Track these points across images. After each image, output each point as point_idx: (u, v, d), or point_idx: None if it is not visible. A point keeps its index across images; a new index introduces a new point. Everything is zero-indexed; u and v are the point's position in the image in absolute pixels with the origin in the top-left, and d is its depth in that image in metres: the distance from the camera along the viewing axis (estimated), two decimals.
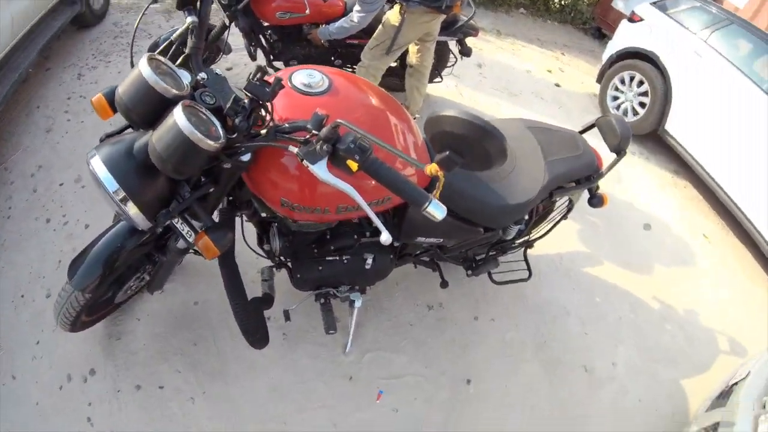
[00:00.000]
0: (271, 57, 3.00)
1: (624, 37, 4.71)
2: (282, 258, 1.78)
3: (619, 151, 2.08)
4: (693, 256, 3.52)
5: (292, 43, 2.91)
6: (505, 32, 5.80)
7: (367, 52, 2.87)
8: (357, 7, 2.68)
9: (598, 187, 2.24)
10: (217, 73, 1.28)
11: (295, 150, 1.14)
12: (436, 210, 1.13)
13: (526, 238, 2.36)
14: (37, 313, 1.99)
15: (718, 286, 3.32)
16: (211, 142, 1.10)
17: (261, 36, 2.91)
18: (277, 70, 3.04)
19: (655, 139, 4.52)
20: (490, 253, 2.26)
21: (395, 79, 3.36)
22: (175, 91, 1.15)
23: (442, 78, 3.67)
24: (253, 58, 3.04)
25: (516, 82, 4.71)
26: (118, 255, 1.44)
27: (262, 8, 2.68)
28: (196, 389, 1.86)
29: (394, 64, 3.10)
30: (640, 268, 3.18)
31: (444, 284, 2.26)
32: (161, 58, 1.21)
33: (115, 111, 1.23)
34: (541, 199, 1.97)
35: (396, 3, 2.76)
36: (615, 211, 3.54)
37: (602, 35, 6.74)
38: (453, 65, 3.68)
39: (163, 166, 1.13)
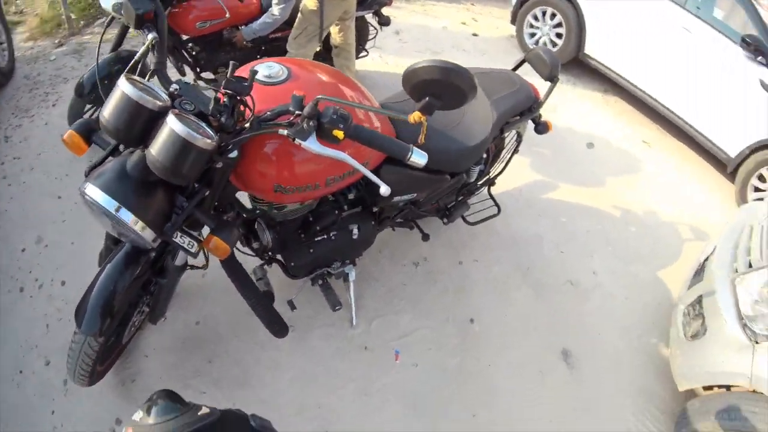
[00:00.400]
0: (198, 69, 2.98)
1: None
2: (271, 253, 1.84)
3: (552, 78, 2.24)
4: (638, 162, 3.82)
5: (216, 51, 2.88)
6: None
7: (291, 42, 2.89)
8: (275, 1, 2.71)
9: (540, 116, 2.40)
10: (186, 82, 1.32)
11: (284, 132, 1.22)
12: (419, 157, 1.25)
13: (487, 177, 2.52)
14: (41, 383, 1.95)
15: (668, 183, 3.65)
16: (208, 141, 1.17)
17: (183, 51, 2.89)
18: (208, 81, 3.04)
19: (578, 64, 4.77)
20: (459, 198, 2.40)
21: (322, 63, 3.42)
22: (159, 104, 1.21)
23: (367, 52, 3.74)
24: (183, 73, 3.01)
25: (435, 40, 4.84)
26: (120, 288, 1.45)
27: (180, 22, 2.65)
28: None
29: (318, 49, 3.14)
30: (594, 183, 3.42)
31: (425, 237, 2.39)
32: (136, 77, 1.24)
33: (89, 144, 1.25)
34: (493, 136, 2.11)
35: None
36: (557, 137, 3.74)
37: None
38: (374, 37, 3.75)
39: (167, 174, 1.18)
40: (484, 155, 2.27)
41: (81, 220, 2.46)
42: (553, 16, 4.65)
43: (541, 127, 2.37)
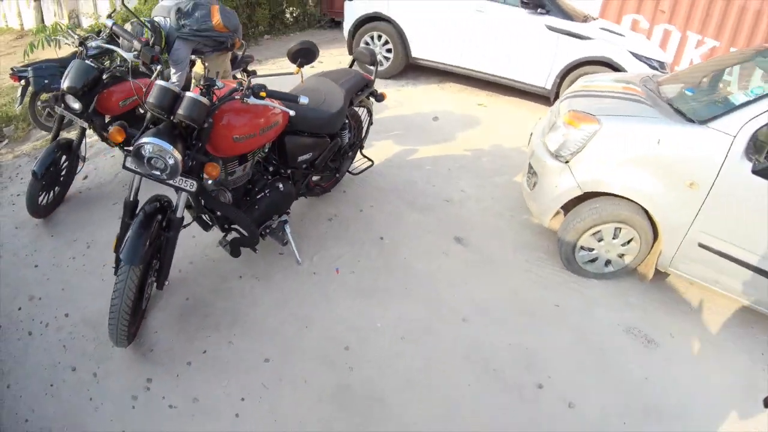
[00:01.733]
0: (121, 145, 3.56)
1: (351, 13, 6.09)
2: (227, 225, 2.56)
3: (374, 63, 3.28)
4: (478, 119, 5.08)
5: (134, 124, 3.49)
6: (262, 58, 6.89)
7: None
8: (172, 71, 3.45)
9: (376, 91, 3.42)
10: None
11: (237, 97, 2.09)
12: (303, 100, 2.16)
13: (356, 141, 3.47)
14: (73, 385, 2.22)
15: (506, 123, 4.97)
16: (206, 99, 2.00)
17: (105, 130, 3.40)
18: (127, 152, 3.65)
19: (412, 68, 6.07)
20: (342, 158, 3.31)
21: None
22: (180, 89, 2.02)
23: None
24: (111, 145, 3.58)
25: (292, 85, 5.84)
26: (145, 236, 2.03)
27: (106, 104, 3.18)
28: (227, 338, 2.46)
29: None
30: (445, 141, 4.57)
31: (315, 194, 3.30)
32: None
33: (127, 134, 2.08)
34: (347, 105, 3.03)
35: (197, 57, 3.64)
36: (408, 120, 4.89)
37: (337, 23, 8.30)
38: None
39: (194, 121, 1.98)
40: (347, 126, 3.21)
41: (64, 273, 2.83)
42: (380, 37, 5.89)
43: (378, 97, 3.43)
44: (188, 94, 1.99)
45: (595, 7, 6.61)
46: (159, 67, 2.67)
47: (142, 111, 3.53)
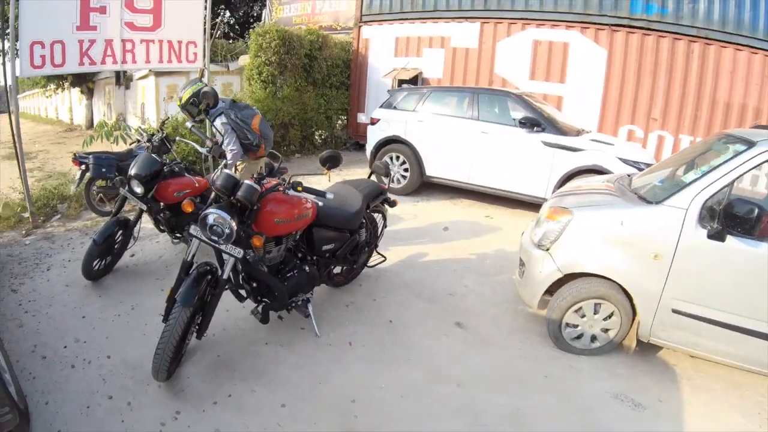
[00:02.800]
0: (169, 229, 4.22)
1: (373, 136, 7.19)
2: (260, 297, 3.09)
3: (388, 175, 4.01)
4: (484, 228, 5.69)
5: (180, 214, 4.09)
6: (294, 174, 7.89)
7: None
8: (228, 147, 4.29)
9: (389, 198, 4.09)
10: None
11: (281, 189, 2.74)
12: (329, 195, 2.81)
13: (371, 240, 4.06)
14: (109, 409, 2.60)
15: (507, 232, 5.52)
16: (258, 188, 2.65)
17: (159, 215, 4.08)
18: (175, 239, 4.33)
19: (426, 186, 6.90)
20: (362, 253, 3.87)
21: None
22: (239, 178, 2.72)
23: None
24: (160, 230, 4.29)
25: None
26: (196, 291, 2.58)
27: (163, 193, 3.96)
28: (251, 388, 2.84)
29: None
30: (453, 247, 5.13)
31: (336, 284, 3.86)
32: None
33: (195, 207, 2.71)
34: (365, 208, 3.67)
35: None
36: (421, 229, 5.54)
37: (361, 146, 9.48)
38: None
39: (248, 202, 2.63)
40: (364, 225, 3.83)
41: (108, 326, 3.37)
42: (398, 157, 6.81)
43: (391, 203, 4.09)
44: (246, 181, 2.68)
45: (592, 121, 7.53)
46: (224, 161, 3.63)
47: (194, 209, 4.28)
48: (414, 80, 9.27)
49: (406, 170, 6.86)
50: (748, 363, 2.89)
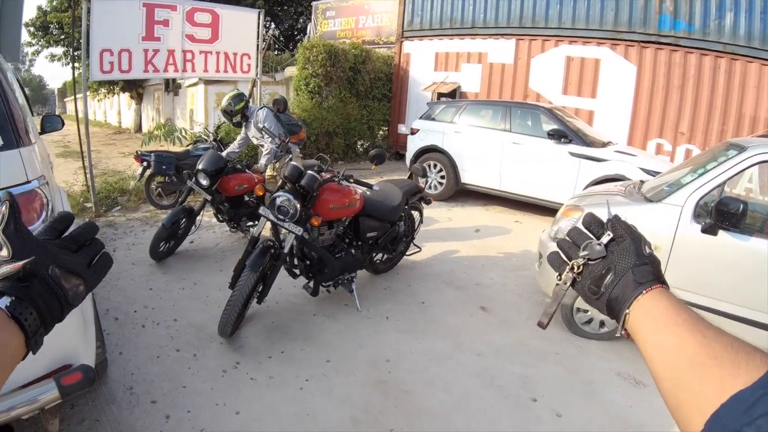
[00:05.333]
0: (230, 221, 4.91)
1: (413, 145, 7.76)
2: (311, 274, 3.63)
3: (425, 176, 4.56)
4: (513, 232, 6.10)
5: (240, 207, 4.83)
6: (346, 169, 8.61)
7: None
8: (267, 139, 4.98)
9: (426, 196, 4.59)
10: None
11: (336, 179, 3.31)
12: (376, 187, 3.38)
13: (409, 233, 4.56)
14: (176, 359, 3.08)
15: (534, 236, 5.89)
16: (318, 175, 3.21)
17: (221, 205, 4.72)
18: (233, 227, 4.97)
19: (461, 193, 7.43)
20: (400, 243, 4.39)
21: None
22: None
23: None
24: (219, 219, 4.95)
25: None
26: (262, 260, 3.14)
27: (226, 186, 4.59)
28: (300, 349, 3.38)
29: None
30: (483, 245, 5.58)
31: (376, 271, 4.35)
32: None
33: (265, 191, 3.58)
34: (404, 202, 4.19)
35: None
36: (453, 230, 6.00)
37: (401, 156, 10.02)
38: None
39: (310, 188, 3.20)
40: (403, 218, 4.34)
41: (174, 296, 3.96)
42: (435, 165, 7.33)
43: (427, 200, 4.58)
44: (309, 172, 3.23)
45: (622, 135, 7.82)
46: (291, 156, 4.32)
47: (248, 198, 4.89)
48: (452, 94, 9.77)
49: (442, 177, 7.36)
50: None
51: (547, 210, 6.69)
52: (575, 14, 8.38)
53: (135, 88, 19.77)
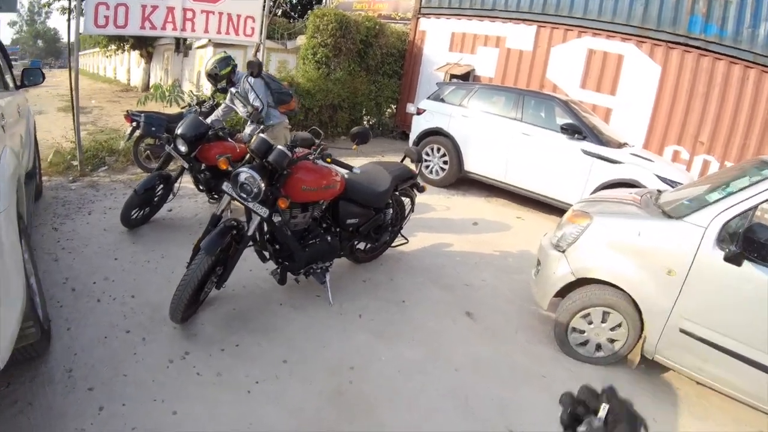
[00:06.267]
0: (209, 191, 4.55)
1: (417, 126, 7.31)
2: (281, 259, 3.26)
3: (419, 161, 4.11)
4: (513, 228, 5.73)
5: (219, 176, 4.38)
6: (337, 155, 8.09)
7: None
8: (252, 96, 4.58)
9: (418, 183, 4.18)
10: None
11: (311, 158, 2.89)
12: (356, 170, 2.98)
13: (397, 222, 4.17)
14: (124, 341, 2.82)
15: (535, 235, 5.49)
16: (290, 155, 2.79)
17: (200, 174, 4.42)
18: (212, 199, 4.60)
19: (463, 181, 6.97)
20: (386, 232, 3.99)
21: None
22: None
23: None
24: (199, 189, 4.60)
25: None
26: (221, 242, 2.77)
27: (206, 154, 4.26)
28: (257, 342, 3.01)
29: None
30: (479, 241, 5.17)
31: (357, 260, 3.96)
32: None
33: (230, 165, 2.92)
34: (392, 187, 3.79)
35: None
36: (450, 221, 5.62)
37: (407, 135, 9.55)
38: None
39: (279, 165, 2.79)
40: (390, 206, 3.94)
41: (138, 270, 3.64)
42: (438, 149, 6.90)
43: (420, 188, 4.17)
44: (279, 146, 2.83)
45: (639, 137, 7.36)
46: (261, 127, 3.87)
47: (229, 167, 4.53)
48: (466, 76, 9.28)
49: (445, 163, 6.94)
50: (754, 399, 2.80)
51: (552, 209, 6.28)
52: (602, 5, 7.82)
53: (145, 47, 19.32)
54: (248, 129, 4.61)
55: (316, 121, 8.89)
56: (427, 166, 7.12)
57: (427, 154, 7.09)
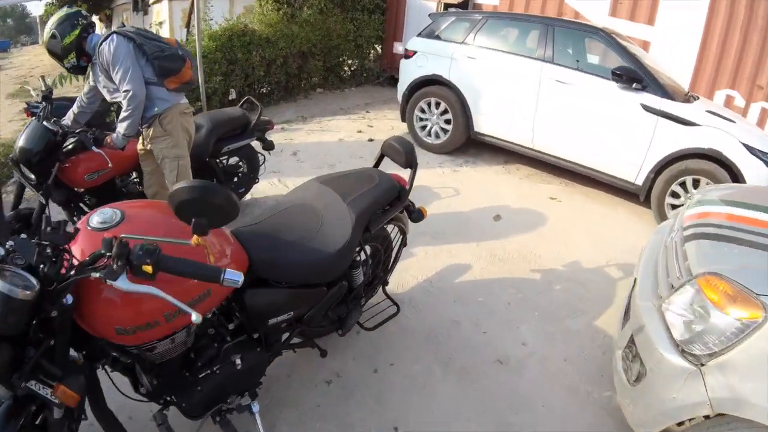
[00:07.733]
0: None
1: (407, 73, 5.42)
2: (165, 396, 1.68)
3: (411, 165, 2.34)
4: (549, 220, 4.01)
5: (111, 198, 2.88)
6: (309, 115, 6.44)
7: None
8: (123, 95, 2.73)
9: (412, 204, 2.45)
10: (22, 237, 1.32)
11: (96, 274, 1.23)
12: (234, 277, 1.27)
13: (378, 275, 2.49)
14: None
15: (584, 230, 3.84)
16: (27, 292, 1.18)
17: (81, 203, 3.00)
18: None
19: (474, 144, 5.20)
20: (350, 306, 2.32)
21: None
22: None
23: (258, 179, 3.95)
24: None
25: (332, 154, 5.10)
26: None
27: (71, 176, 2.80)
28: None
29: None
30: (506, 254, 3.50)
31: (323, 353, 2.24)
32: None
33: None
34: (358, 236, 2.08)
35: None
36: (463, 218, 3.95)
37: (397, 81, 7.77)
38: (263, 163, 3.97)
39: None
40: (359, 263, 2.25)
41: None
42: (438, 105, 5.06)
43: (416, 215, 2.43)
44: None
45: (684, 79, 5.60)
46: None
47: (119, 182, 3.08)
48: (464, 5, 7.41)
49: (447, 122, 5.13)
50: None
51: (595, 183, 4.55)
52: None
53: (102, 10, 18.66)
54: (121, 127, 2.79)
55: (282, 75, 7.15)
56: (424, 127, 5.32)
57: (423, 111, 5.28)
